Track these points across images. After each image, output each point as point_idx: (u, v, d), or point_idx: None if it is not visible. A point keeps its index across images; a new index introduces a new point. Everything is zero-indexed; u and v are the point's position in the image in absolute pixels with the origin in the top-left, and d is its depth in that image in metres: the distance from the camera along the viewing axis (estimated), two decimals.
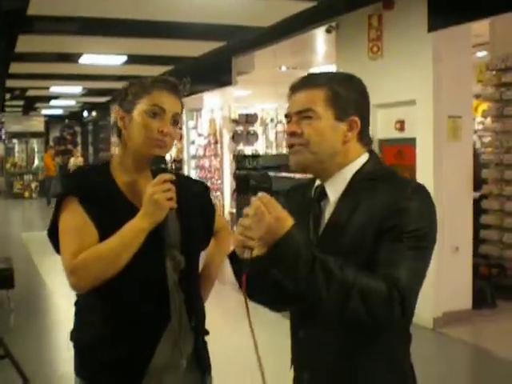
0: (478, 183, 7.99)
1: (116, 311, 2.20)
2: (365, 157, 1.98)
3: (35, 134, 27.14)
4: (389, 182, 1.90)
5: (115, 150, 22.25)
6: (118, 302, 2.19)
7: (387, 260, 1.77)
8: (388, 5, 7.23)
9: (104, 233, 2.13)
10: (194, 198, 2.39)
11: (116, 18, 8.50)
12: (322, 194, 1.98)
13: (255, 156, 13.27)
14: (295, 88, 1.97)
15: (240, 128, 15.63)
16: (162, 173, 2.13)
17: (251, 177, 1.87)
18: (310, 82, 1.96)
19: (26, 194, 25.78)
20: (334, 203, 1.94)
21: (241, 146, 15.52)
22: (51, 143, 27.65)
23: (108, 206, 2.20)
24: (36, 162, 26.90)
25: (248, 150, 15.45)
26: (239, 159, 13.09)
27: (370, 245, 1.80)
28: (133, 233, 2.09)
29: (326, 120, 1.91)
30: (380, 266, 1.76)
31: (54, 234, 2.24)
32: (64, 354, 6.51)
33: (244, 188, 1.87)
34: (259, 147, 16.51)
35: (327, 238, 1.92)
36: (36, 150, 27.19)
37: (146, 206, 2.10)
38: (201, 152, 16.05)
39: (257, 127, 16.50)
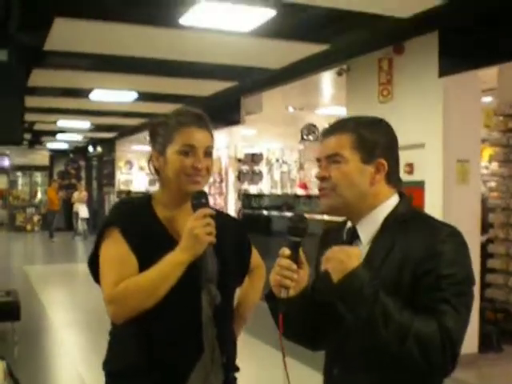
0: (484, 227, 8.03)
1: (150, 342, 2.23)
2: (395, 198, 2.03)
3: (39, 168, 27.21)
4: (422, 225, 1.94)
5: (119, 187, 22.34)
6: (152, 333, 2.22)
7: (432, 308, 1.78)
8: (398, 49, 7.34)
9: (144, 264, 2.17)
10: (231, 235, 2.43)
11: (128, 56, 8.62)
12: (354, 236, 2.02)
13: (260, 195, 13.35)
14: (325, 133, 2.04)
15: (245, 167, 15.74)
16: (202, 208, 2.19)
17: (293, 218, 1.94)
18: (338, 127, 2.03)
19: (29, 227, 25.75)
20: (367, 245, 1.98)
21: (246, 185, 15.61)
22: (55, 177, 27.73)
23: (149, 238, 2.24)
24: (39, 195, 26.93)
25: (253, 189, 15.54)
26: (245, 198, 13.16)
27: (406, 288, 1.83)
28: (172, 265, 2.13)
29: (353, 163, 1.96)
30: (424, 314, 1.78)
31: (93, 264, 2.28)
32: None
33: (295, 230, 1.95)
34: (264, 187, 16.60)
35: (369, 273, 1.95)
36: (39, 183, 27.25)
37: (185, 239, 2.14)
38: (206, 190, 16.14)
39: (262, 167, 16.62)
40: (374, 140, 1.99)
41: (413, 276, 1.83)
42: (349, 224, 2.07)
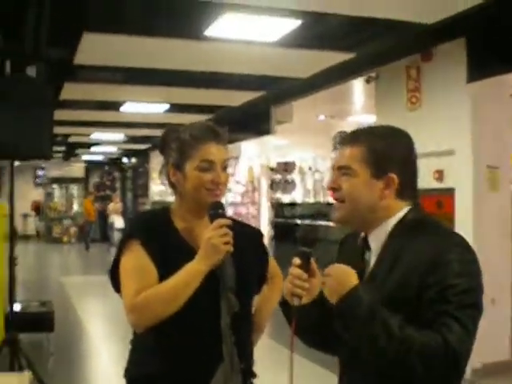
0: None
1: (170, 350, 2.28)
2: (407, 209, 2.00)
3: (75, 180, 27.58)
4: (430, 233, 1.92)
5: (153, 197, 22.51)
6: (172, 341, 2.27)
7: (436, 321, 1.76)
8: (426, 56, 7.32)
9: (164, 274, 2.23)
10: (249, 244, 2.47)
11: (157, 68, 8.72)
12: (366, 246, 2.04)
13: (293, 204, 13.33)
14: (341, 143, 2.06)
15: (278, 176, 15.73)
16: (219, 218, 2.25)
17: (300, 230, 1.97)
18: (353, 138, 2.03)
19: (65, 239, 26.07)
20: (376, 254, 1.99)
21: (278, 194, 15.60)
22: (91, 189, 28.06)
23: (168, 249, 2.30)
24: (75, 206, 27.26)
25: (285, 198, 15.53)
26: (277, 207, 13.15)
27: (412, 298, 1.81)
28: (191, 275, 2.19)
29: (362, 177, 1.96)
30: (428, 328, 1.76)
31: (114, 274, 2.35)
32: None
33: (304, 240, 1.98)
34: (297, 196, 16.58)
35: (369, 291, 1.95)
36: (75, 195, 27.58)
37: (204, 249, 2.20)
38: (238, 199, 16.17)
39: (295, 175, 16.59)
40: (386, 155, 1.96)
41: (418, 286, 1.81)
42: (362, 233, 2.09)
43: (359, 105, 11.53)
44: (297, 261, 1.94)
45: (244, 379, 2.37)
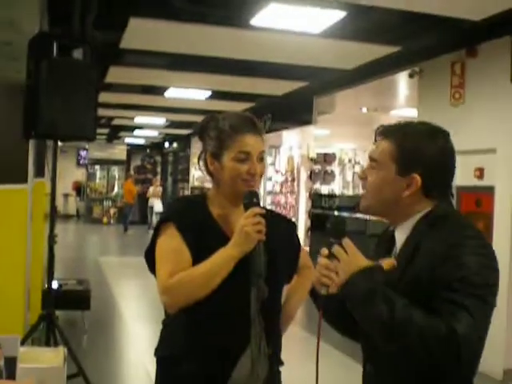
0: None
1: (199, 332, 2.33)
2: (435, 205, 2.01)
3: (117, 162, 27.79)
4: (449, 226, 1.93)
5: (193, 183, 22.66)
6: (201, 323, 2.33)
7: (445, 311, 1.77)
8: (471, 53, 7.26)
9: (197, 258, 2.30)
10: (281, 234, 2.51)
11: (202, 55, 8.78)
12: (393, 240, 2.07)
13: (331, 196, 13.32)
14: (378, 134, 2.08)
15: (318, 167, 15.73)
16: (253, 207, 2.30)
17: (332, 220, 2.00)
18: (388, 132, 2.05)
19: (105, 220, 26.38)
20: (399, 249, 2.03)
21: (317, 185, 15.60)
22: (132, 171, 28.31)
23: (203, 234, 2.36)
24: (116, 188, 27.52)
25: (324, 189, 15.53)
26: (315, 198, 13.16)
27: (426, 292, 1.83)
28: (224, 260, 2.26)
29: (387, 173, 1.99)
30: (437, 315, 1.77)
31: (150, 256, 2.41)
32: (134, 377, 6.69)
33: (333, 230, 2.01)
34: (336, 187, 16.56)
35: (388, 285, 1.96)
36: (117, 177, 27.84)
37: (237, 236, 2.27)
38: (277, 188, 16.20)
39: (334, 167, 16.57)
40: (413, 154, 1.97)
41: (430, 278, 1.83)
42: (391, 228, 2.12)
43: (402, 99, 11.46)
44: (325, 251, 1.98)
45: (271, 365, 2.42)
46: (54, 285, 6.01)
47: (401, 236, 2.03)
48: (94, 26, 5.90)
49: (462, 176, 7.27)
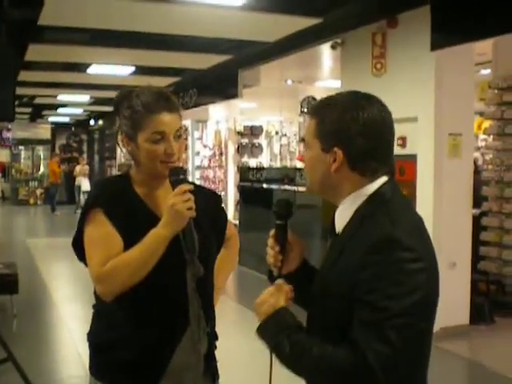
0: (478, 200, 8.08)
1: (137, 315, 2.29)
2: (372, 187, 1.83)
3: (41, 141, 27.17)
4: (372, 226, 1.76)
5: (121, 160, 22.40)
6: (139, 306, 2.28)
7: (359, 330, 1.65)
8: (392, 23, 7.34)
9: (128, 242, 2.22)
10: (208, 207, 2.47)
11: (125, 30, 8.64)
12: (333, 223, 1.95)
13: (259, 168, 13.36)
14: (307, 113, 2.04)
15: (245, 140, 15.76)
16: (180, 183, 2.23)
17: (277, 203, 2.00)
18: (312, 109, 1.93)
19: (31, 201, 25.81)
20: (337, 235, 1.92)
21: (245, 158, 15.64)
22: (57, 150, 27.77)
23: (131, 216, 2.30)
24: (41, 169, 26.94)
25: (252, 162, 15.57)
26: (243, 171, 13.19)
27: (345, 297, 1.72)
28: (155, 241, 2.18)
29: (314, 151, 1.87)
30: (352, 336, 1.67)
31: (78, 244, 2.33)
32: (66, 359, 6.62)
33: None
34: (263, 160, 16.63)
35: (316, 282, 1.92)
36: (42, 157, 27.23)
37: (167, 215, 2.19)
38: (205, 163, 16.17)
39: (262, 140, 16.63)
40: (333, 128, 1.81)
41: (349, 284, 1.71)
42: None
43: (327, 70, 11.54)
44: (272, 232, 1.98)
45: (209, 342, 2.41)
46: None
47: (339, 222, 1.89)
48: (10, 4, 5.74)
49: None
